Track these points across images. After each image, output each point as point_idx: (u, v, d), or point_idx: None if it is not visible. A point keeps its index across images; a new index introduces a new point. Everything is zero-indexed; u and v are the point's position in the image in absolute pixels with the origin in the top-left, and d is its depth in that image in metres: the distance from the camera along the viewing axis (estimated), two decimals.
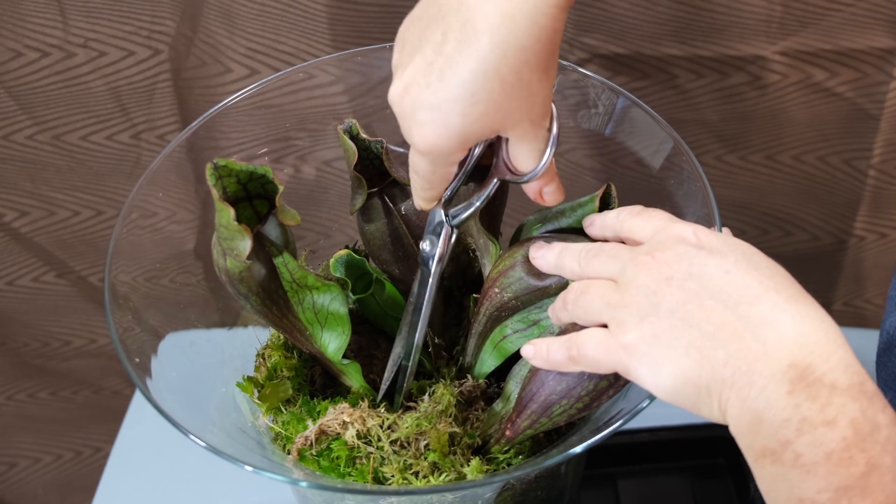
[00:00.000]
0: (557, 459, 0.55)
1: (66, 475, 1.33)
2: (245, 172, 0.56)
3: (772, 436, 0.44)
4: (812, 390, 0.43)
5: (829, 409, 0.43)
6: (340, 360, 0.64)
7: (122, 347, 0.59)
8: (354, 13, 0.91)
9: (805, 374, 0.44)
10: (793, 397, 0.43)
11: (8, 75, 0.97)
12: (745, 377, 0.45)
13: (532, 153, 0.55)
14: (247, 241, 0.55)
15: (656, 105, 0.94)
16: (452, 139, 0.52)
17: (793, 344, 0.45)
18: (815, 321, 0.46)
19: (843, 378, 0.43)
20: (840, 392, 0.43)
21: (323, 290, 0.62)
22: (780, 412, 0.43)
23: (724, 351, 0.46)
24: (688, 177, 0.65)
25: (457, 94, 0.50)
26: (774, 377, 0.44)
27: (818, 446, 0.42)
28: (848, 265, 1.08)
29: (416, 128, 0.52)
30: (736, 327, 0.46)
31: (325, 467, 0.61)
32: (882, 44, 0.89)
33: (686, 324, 0.47)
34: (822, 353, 0.44)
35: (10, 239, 1.11)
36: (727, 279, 0.47)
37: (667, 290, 0.48)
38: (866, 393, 0.43)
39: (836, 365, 0.44)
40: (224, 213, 0.54)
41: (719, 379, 0.46)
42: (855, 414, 0.42)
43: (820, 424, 0.43)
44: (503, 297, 0.62)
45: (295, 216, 0.58)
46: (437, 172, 0.55)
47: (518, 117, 0.52)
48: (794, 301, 0.46)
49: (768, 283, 0.47)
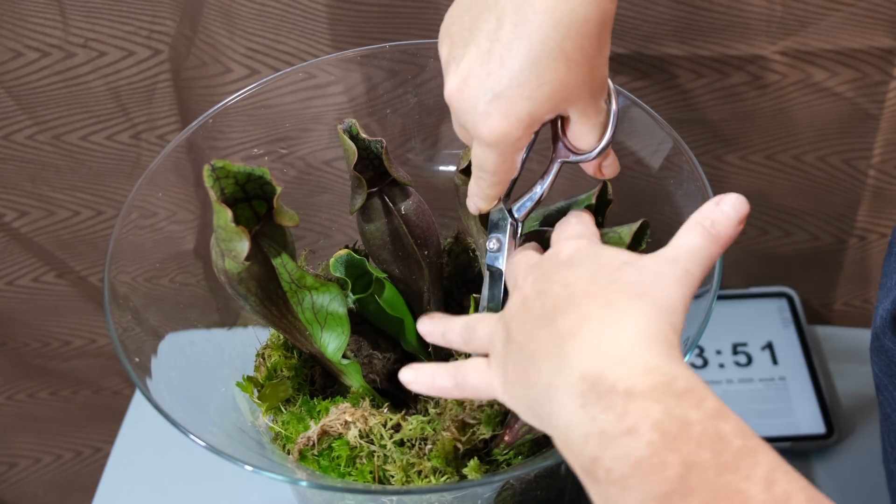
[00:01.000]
0: (556, 459, 0.55)
1: (66, 475, 1.33)
2: (243, 174, 0.56)
3: (581, 454, 0.41)
4: (605, 400, 0.40)
5: (627, 417, 0.39)
6: (340, 360, 0.64)
7: (122, 347, 0.59)
8: (354, 13, 0.91)
9: (596, 385, 0.41)
10: (586, 411, 0.41)
11: (8, 75, 0.97)
12: (547, 395, 0.43)
13: (594, 129, 0.54)
14: (245, 242, 0.55)
15: (656, 105, 0.94)
16: (522, 124, 0.50)
17: (586, 354, 0.42)
18: (619, 326, 0.43)
19: (641, 382, 0.40)
20: (638, 397, 0.40)
21: (322, 291, 0.62)
22: (579, 428, 0.41)
23: (535, 369, 0.44)
24: (687, 177, 0.65)
25: (522, 78, 0.49)
26: (567, 391, 0.42)
27: (624, 458, 0.39)
28: (848, 264, 1.08)
29: (481, 119, 0.50)
30: (547, 343, 0.44)
31: (325, 467, 0.61)
32: (882, 44, 0.89)
33: (520, 347, 0.46)
34: (616, 359, 0.42)
35: (10, 239, 1.11)
36: (563, 293, 0.46)
37: (519, 314, 0.48)
38: (673, 392, 0.40)
39: (633, 370, 0.41)
40: (222, 215, 0.54)
41: (535, 400, 0.44)
42: (658, 416, 0.39)
43: (620, 434, 0.39)
44: None
45: (293, 217, 0.58)
46: (506, 162, 0.54)
47: (581, 93, 0.51)
48: (606, 307, 0.44)
49: (596, 290, 0.45)
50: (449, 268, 0.75)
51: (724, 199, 0.48)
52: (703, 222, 0.48)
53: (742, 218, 0.48)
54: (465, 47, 0.51)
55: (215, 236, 0.57)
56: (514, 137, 0.51)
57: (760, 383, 0.98)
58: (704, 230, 0.48)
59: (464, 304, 0.73)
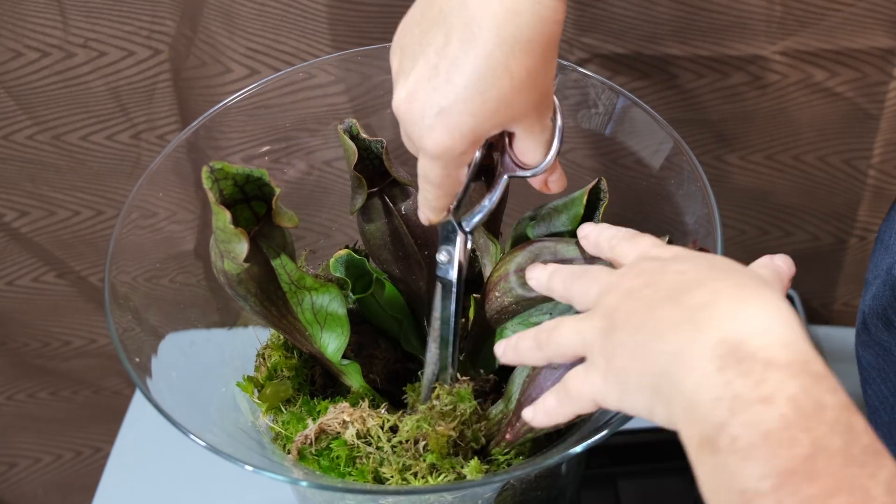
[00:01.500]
0: (557, 459, 0.55)
1: (66, 475, 1.33)
2: (241, 175, 0.56)
3: (705, 419, 0.40)
4: (744, 366, 0.40)
5: (764, 385, 0.39)
6: (340, 361, 0.64)
7: (122, 347, 0.59)
8: (354, 13, 0.91)
9: (737, 349, 0.41)
10: (723, 374, 0.40)
11: (8, 75, 0.97)
12: (677, 359, 0.42)
13: (539, 145, 0.55)
14: (244, 244, 0.55)
15: (656, 105, 0.94)
16: (466, 139, 0.52)
17: (725, 320, 0.42)
18: (757, 301, 0.43)
19: (781, 354, 0.40)
20: (777, 368, 0.40)
21: (321, 291, 0.62)
22: (711, 390, 0.40)
23: (661, 341, 0.44)
24: (688, 177, 0.65)
25: (466, 95, 0.50)
26: (703, 354, 0.41)
27: (754, 426, 0.38)
28: (848, 265, 1.08)
29: (427, 133, 0.52)
30: (673, 316, 0.44)
31: (325, 467, 0.61)
32: (882, 44, 0.89)
33: (635, 329, 0.46)
34: (759, 328, 0.41)
35: (10, 239, 1.11)
36: (679, 278, 0.46)
37: (624, 304, 0.47)
38: (810, 371, 0.40)
39: (774, 341, 0.41)
40: (220, 216, 0.54)
41: (657, 373, 0.44)
42: (794, 391, 0.39)
43: (755, 402, 0.39)
44: (504, 300, 0.62)
45: (292, 218, 0.58)
46: (450, 176, 0.55)
47: (525, 110, 0.52)
48: (740, 287, 0.44)
49: (718, 274, 0.46)
50: None
51: (777, 256, 0.52)
52: (769, 266, 0.51)
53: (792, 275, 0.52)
54: (413, 60, 0.52)
55: (214, 237, 0.57)
56: (457, 152, 0.52)
57: None
58: (771, 271, 0.51)
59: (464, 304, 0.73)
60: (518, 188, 0.60)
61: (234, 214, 0.57)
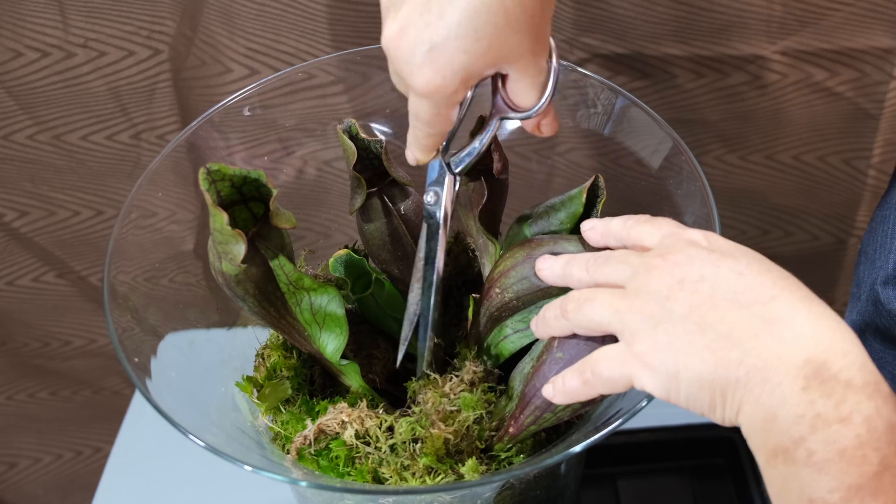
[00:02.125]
0: (556, 459, 0.55)
1: (66, 475, 1.33)
2: (238, 176, 0.56)
3: (784, 432, 0.43)
4: (827, 387, 0.43)
5: (843, 406, 0.42)
6: (339, 361, 0.64)
7: (122, 347, 0.59)
8: (354, 13, 0.91)
9: (821, 371, 0.43)
10: (807, 393, 0.43)
11: (8, 75, 0.97)
12: (760, 374, 0.44)
13: (534, 87, 0.54)
14: (241, 245, 0.54)
15: (656, 105, 0.94)
16: (457, 77, 0.51)
17: (809, 341, 0.44)
18: (829, 321, 0.45)
19: (858, 376, 0.43)
20: (855, 390, 0.42)
21: (320, 292, 0.62)
22: (795, 408, 0.43)
23: (740, 350, 0.45)
24: (687, 176, 0.65)
25: (460, 31, 0.49)
26: (790, 373, 0.43)
27: (832, 443, 0.42)
28: (848, 265, 1.08)
29: (417, 70, 0.51)
30: (751, 326, 0.45)
31: (324, 467, 0.61)
32: (882, 44, 0.89)
33: (700, 327, 0.46)
34: (838, 350, 0.44)
35: (10, 239, 1.11)
36: (740, 280, 0.47)
37: (679, 294, 0.48)
38: (881, 392, 0.43)
39: (852, 363, 0.43)
40: (218, 218, 0.54)
41: (734, 379, 0.45)
42: (870, 412, 0.42)
43: (834, 421, 0.42)
44: (504, 297, 0.62)
45: (290, 219, 0.58)
46: (440, 114, 0.54)
47: (521, 51, 0.51)
48: (807, 301, 0.46)
49: (782, 283, 0.47)
50: (448, 268, 0.75)
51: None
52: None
53: None
54: None
55: (212, 239, 0.57)
56: (449, 90, 0.51)
57: None
58: None
59: (463, 304, 0.73)
60: (516, 188, 0.61)
61: (232, 215, 0.57)
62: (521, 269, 0.61)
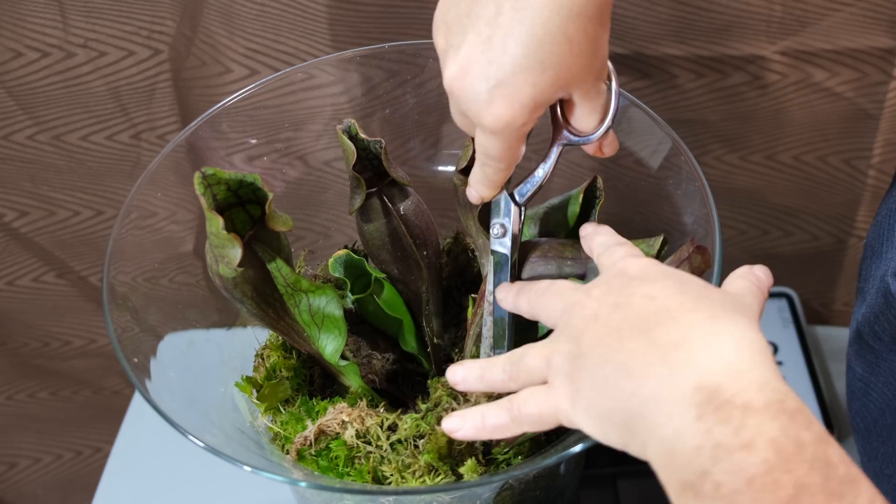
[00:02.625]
0: (555, 459, 0.55)
1: (66, 475, 1.33)
2: (234, 180, 0.56)
3: (687, 466, 0.40)
4: (723, 413, 0.40)
5: (744, 431, 0.39)
6: (338, 362, 0.64)
7: (121, 348, 0.59)
8: (354, 13, 0.91)
9: (713, 397, 0.40)
10: (702, 422, 0.40)
11: (8, 75, 0.97)
12: (652, 405, 0.42)
13: (596, 111, 0.54)
14: (237, 249, 0.54)
15: (656, 105, 0.94)
16: (527, 109, 0.50)
17: (701, 365, 0.42)
18: (730, 339, 0.43)
19: (758, 397, 0.40)
20: (756, 412, 0.39)
21: (318, 293, 0.62)
22: (691, 439, 0.40)
23: (633, 381, 0.43)
24: (687, 177, 0.65)
25: (525, 64, 0.48)
26: (680, 402, 0.41)
27: (738, 472, 0.38)
28: (848, 265, 1.08)
29: (485, 107, 0.50)
30: (646, 354, 0.43)
31: (324, 467, 0.61)
32: (882, 44, 0.89)
33: (604, 359, 0.45)
34: (733, 371, 0.41)
35: (10, 239, 1.11)
36: (650, 305, 0.45)
37: (592, 327, 0.47)
38: (787, 410, 0.40)
39: (749, 384, 0.40)
40: (213, 222, 0.54)
41: (630, 412, 0.43)
42: (775, 433, 0.39)
43: (736, 449, 0.39)
44: None
45: (287, 221, 0.58)
46: (511, 149, 0.53)
47: (584, 76, 0.50)
48: (712, 320, 0.44)
49: (690, 304, 0.45)
50: (448, 268, 0.75)
51: (756, 266, 0.51)
52: (748, 276, 0.50)
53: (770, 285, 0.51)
54: (463, 34, 0.50)
55: (209, 242, 0.57)
56: (519, 123, 0.51)
57: None
58: (750, 282, 0.50)
59: (463, 304, 0.73)
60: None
61: (230, 218, 0.57)
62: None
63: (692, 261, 0.54)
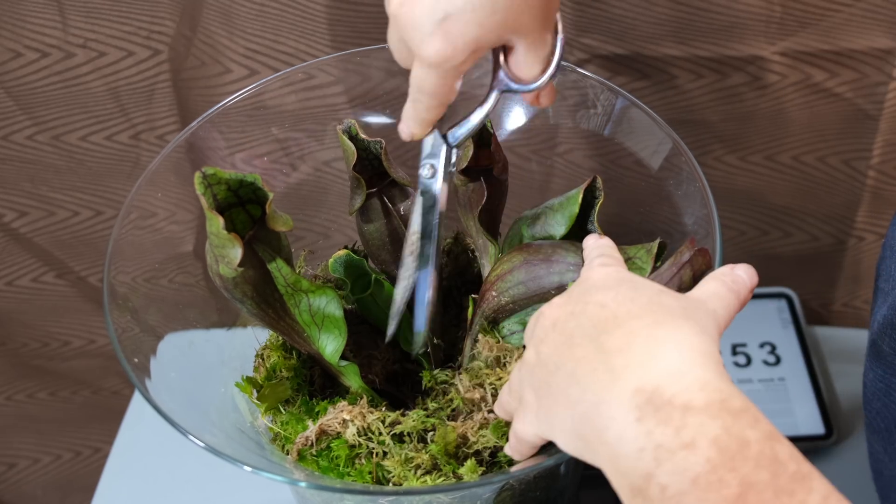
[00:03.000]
0: (555, 460, 0.55)
1: (65, 475, 1.33)
2: (234, 180, 0.56)
3: (632, 470, 0.40)
4: (662, 413, 0.40)
5: (685, 431, 0.39)
6: (338, 362, 0.64)
7: (121, 348, 0.59)
8: (354, 14, 0.91)
9: (653, 398, 0.40)
10: (643, 424, 0.40)
11: (7, 75, 0.97)
12: (596, 410, 0.42)
13: (539, 61, 0.54)
14: (237, 249, 0.55)
15: (656, 105, 0.94)
16: (468, 48, 0.50)
17: (639, 368, 0.42)
18: (671, 343, 0.43)
19: (699, 397, 0.40)
20: (696, 412, 0.39)
21: (318, 294, 0.62)
22: (633, 442, 0.40)
23: (579, 387, 0.43)
24: (687, 177, 0.65)
25: (477, 3, 0.48)
26: (621, 405, 0.41)
27: (681, 473, 0.38)
28: (848, 265, 1.08)
29: (427, 38, 0.50)
30: (592, 360, 0.44)
31: (325, 467, 0.61)
32: (882, 44, 0.89)
33: (557, 367, 0.45)
34: (673, 373, 0.41)
35: (10, 239, 1.11)
36: (601, 313, 0.46)
37: (550, 336, 0.47)
38: (730, 410, 0.40)
39: (690, 385, 0.40)
40: (213, 222, 0.54)
41: (578, 418, 0.43)
42: (717, 432, 0.39)
43: (678, 449, 0.39)
44: (500, 300, 0.62)
45: (287, 222, 0.58)
46: (445, 85, 0.53)
47: (531, 25, 0.51)
48: (655, 325, 0.44)
49: (637, 310, 0.45)
50: (448, 268, 0.75)
51: (738, 266, 0.50)
52: (724, 278, 0.50)
53: (753, 285, 0.50)
54: None
55: (209, 242, 0.57)
56: (458, 60, 0.51)
57: (760, 384, 0.98)
58: (726, 284, 0.49)
59: (463, 304, 0.73)
60: (516, 189, 0.60)
61: (230, 218, 0.57)
62: (518, 274, 0.61)
63: (693, 262, 0.55)
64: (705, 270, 0.55)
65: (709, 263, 0.55)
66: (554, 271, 0.60)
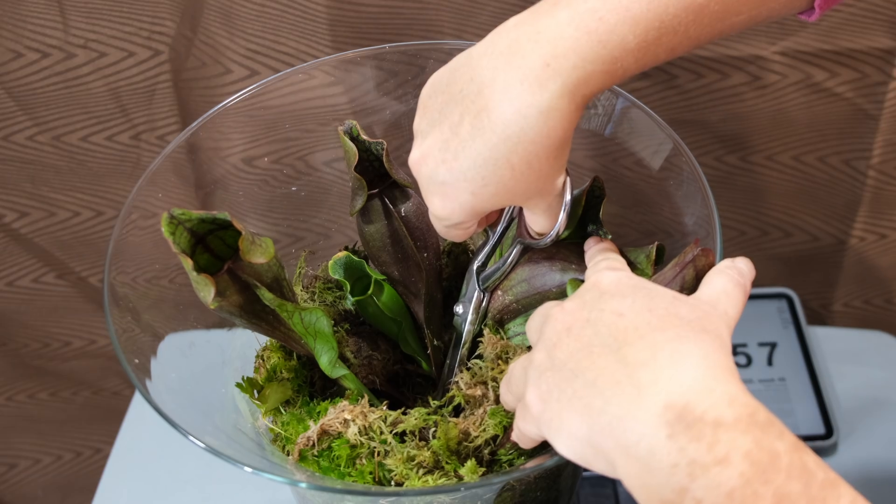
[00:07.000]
0: (556, 460, 0.55)
1: (65, 476, 1.33)
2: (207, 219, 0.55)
3: (665, 485, 0.41)
4: (695, 430, 0.40)
5: (718, 446, 0.40)
6: (332, 373, 0.64)
7: (122, 348, 0.59)
8: (354, 14, 0.91)
9: (684, 415, 0.41)
10: (675, 441, 0.41)
11: (8, 76, 0.97)
12: (622, 424, 0.42)
13: (546, 219, 0.57)
14: (210, 289, 0.55)
15: (656, 105, 0.94)
16: (464, 212, 0.54)
17: (668, 383, 0.42)
18: (695, 358, 0.43)
19: (728, 413, 0.41)
20: (727, 427, 0.40)
21: (307, 312, 0.62)
22: (666, 458, 0.41)
23: (602, 399, 0.43)
24: (687, 177, 0.65)
25: (469, 176, 0.51)
26: (651, 422, 0.41)
27: (716, 488, 0.39)
28: (848, 265, 1.08)
29: (430, 196, 0.54)
30: (614, 371, 0.44)
31: (325, 468, 0.61)
32: (882, 44, 0.89)
33: (573, 374, 0.45)
34: (701, 389, 0.42)
35: (10, 239, 1.11)
36: (619, 322, 0.46)
37: (565, 341, 0.47)
38: (758, 423, 0.41)
39: (719, 400, 0.41)
40: (185, 263, 0.54)
41: (598, 429, 0.43)
42: (748, 446, 0.40)
43: (712, 464, 0.40)
44: (504, 300, 0.62)
45: (266, 251, 0.57)
46: (450, 233, 0.57)
47: (529, 195, 0.54)
48: (678, 340, 0.44)
49: (657, 322, 0.45)
50: (448, 270, 0.75)
51: (738, 259, 0.52)
52: (729, 272, 0.51)
53: (753, 277, 0.52)
54: (431, 127, 0.54)
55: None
56: (456, 220, 0.55)
57: (760, 384, 0.98)
58: (733, 279, 0.50)
59: None
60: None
61: (208, 246, 0.57)
62: (521, 273, 0.61)
63: (697, 262, 0.55)
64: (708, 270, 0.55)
65: (712, 263, 0.55)
66: (556, 269, 0.60)
